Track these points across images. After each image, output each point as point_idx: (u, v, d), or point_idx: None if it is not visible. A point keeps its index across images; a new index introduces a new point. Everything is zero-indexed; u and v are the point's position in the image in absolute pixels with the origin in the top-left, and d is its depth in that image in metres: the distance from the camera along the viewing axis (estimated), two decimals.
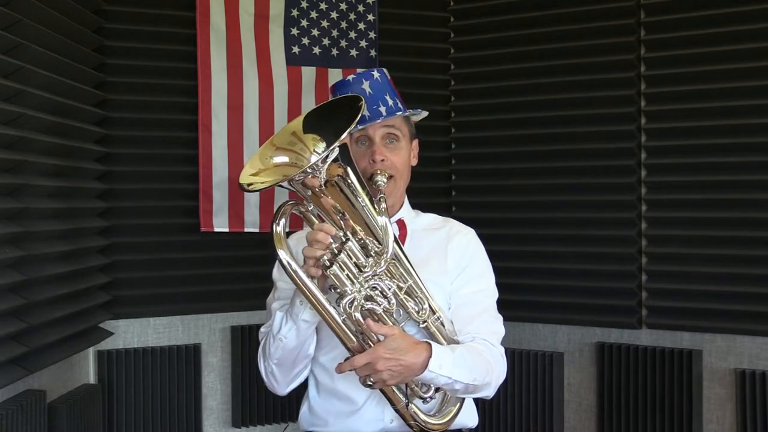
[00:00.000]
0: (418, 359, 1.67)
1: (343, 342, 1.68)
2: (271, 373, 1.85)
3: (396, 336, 1.65)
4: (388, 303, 1.68)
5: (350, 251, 1.66)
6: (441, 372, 1.69)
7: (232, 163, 3.26)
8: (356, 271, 1.66)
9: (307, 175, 1.60)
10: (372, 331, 1.64)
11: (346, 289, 1.64)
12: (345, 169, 1.67)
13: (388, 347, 1.63)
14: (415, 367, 1.67)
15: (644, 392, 3.16)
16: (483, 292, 1.93)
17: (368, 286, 1.66)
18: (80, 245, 2.85)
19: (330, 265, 1.62)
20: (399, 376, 1.66)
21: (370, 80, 1.89)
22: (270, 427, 3.42)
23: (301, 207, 1.70)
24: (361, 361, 1.64)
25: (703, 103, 3.08)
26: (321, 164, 1.60)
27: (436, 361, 1.68)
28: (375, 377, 1.65)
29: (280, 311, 1.80)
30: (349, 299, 1.63)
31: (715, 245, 3.07)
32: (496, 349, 1.86)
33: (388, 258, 1.69)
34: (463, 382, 1.73)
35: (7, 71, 2.36)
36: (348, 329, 1.66)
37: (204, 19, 3.22)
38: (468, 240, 1.99)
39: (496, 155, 3.48)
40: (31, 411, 2.43)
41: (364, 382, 1.67)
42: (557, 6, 3.33)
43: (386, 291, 1.68)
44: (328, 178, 1.65)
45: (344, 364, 1.67)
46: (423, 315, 1.77)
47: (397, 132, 1.91)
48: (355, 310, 1.63)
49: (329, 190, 1.67)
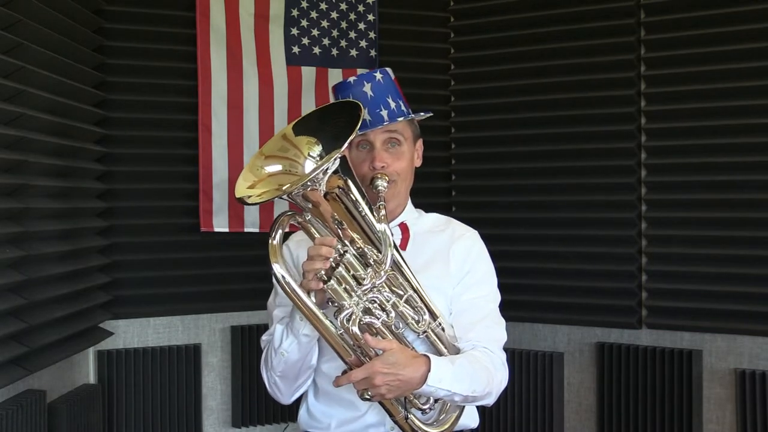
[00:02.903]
0: (416, 374, 1.64)
1: (341, 356, 1.65)
2: (275, 384, 1.84)
3: (394, 350, 1.62)
4: (387, 316, 1.65)
5: (348, 264, 1.62)
6: (440, 386, 1.67)
7: (232, 163, 3.26)
8: (354, 284, 1.62)
9: (306, 188, 1.55)
10: (370, 346, 1.62)
11: (344, 303, 1.60)
12: (345, 181, 1.62)
13: (385, 362, 1.61)
14: (413, 381, 1.64)
15: (644, 392, 3.15)
16: (484, 298, 1.91)
17: (366, 299, 1.63)
18: (80, 245, 2.85)
19: (328, 279, 1.59)
20: (397, 390, 1.64)
21: (372, 82, 1.83)
22: (270, 427, 3.42)
23: (299, 217, 1.66)
24: (359, 376, 1.61)
25: (703, 103, 3.08)
26: (321, 176, 1.55)
27: (435, 375, 1.66)
28: (373, 391, 1.63)
29: (281, 324, 1.78)
30: (347, 314, 1.60)
31: (715, 245, 3.07)
32: (497, 356, 1.84)
33: (387, 268, 1.65)
34: (463, 394, 1.71)
35: (7, 71, 2.35)
36: (345, 344, 1.63)
37: (204, 19, 3.22)
38: (471, 243, 1.96)
39: (496, 155, 3.48)
40: (31, 411, 2.43)
41: (362, 396, 1.65)
42: (557, 6, 3.33)
43: (385, 304, 1.66)
44: (328, 191, 1.60)
45: (342, 378, 1.65)
46: (422, 326, 1.74)
47: (399, 136, 1.85)
48: (353, 325, 1.60)
49: (330, 202, 1.62)
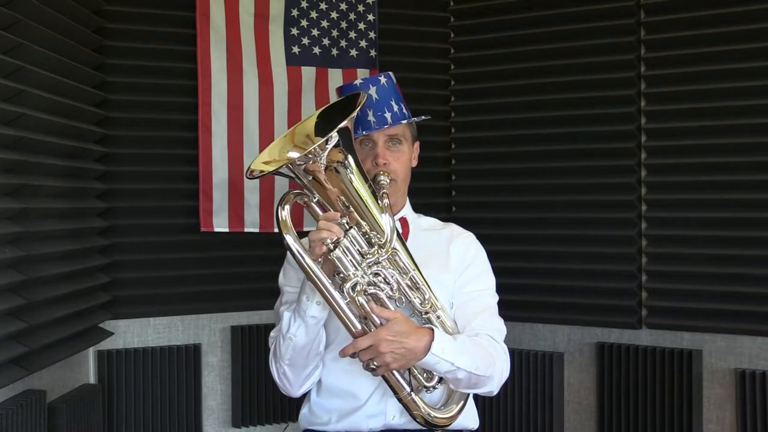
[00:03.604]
0: (420, 342, 1.69)
1: (347, 327, 1.71)
2: (284, 374, 1.87)
3: (399, 319, 1.69)
4: (391, 289, 1.72)
5: (353, 238, 1.71)
6: (443, 356, 1.71)
7: (232, 163, 3.26)
8: (359, 257, 1.70)
9: (308, 160, 1.65)
10: (375, 314, 1.68)
11: (350, 273, 1.68)
12: (345, 155, 1.72)
13: (391, 330, 1.67)
14: (417, 350, 1.69)
15: (644, 392, 3.15)
16: (485, 292, 1.97)
17: (371, 272, 1.71)
18: (80, 245, 2.86)
19: (333, 248, 1.66)
20: (402, 359, 1.69)
21: (377, 86, 1.95)
22: (270, 427, 3.42)
23: (305, 197, 1.75)
24: (365, 343, 1.67)
25: (703, 103, 3.08)
26: (320, 152, 1.65)
27: (439, 345, 1.71)
28: (378, 360, 1.68)
29: (288, 311, 1.82)
30: (352, 283, 1.68)
31: (715, 245, 3.07)
32: (499, 345, 1.88)
33: (389, 248, 1.73)
34: (466, 369, 1.75)
35: (7, 71, 2.35)
36: (352, 314, 1.70)
37: (204, 19, 3.22)
38: (469, 242, 2.03)
39: (496, 155, 3.48)
40: (31, 411, 2.43)
41: (367, 366, 1.70)
42: (557, 6, 3.33)
43: (389, 278, 1.73)
44: (328, 164, 1.69)
45: (347, 346, 1.71)
46: (426, 306, 1.80)
47: (401, 137, 1.97)
48: (359, 295, 1.68)
49: (329, 175, 1.71)
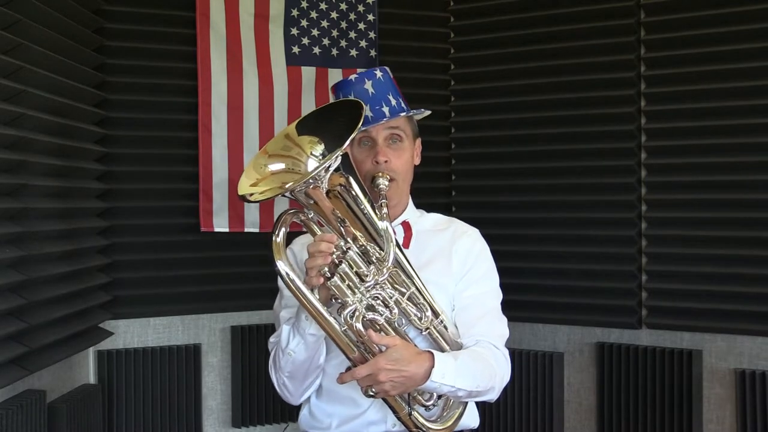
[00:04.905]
0: (420, 369, 1.65)
1: (345, 353, 1.66)
2: (284, 385, 1.84)
3: (398, 347, 1.63)
4: (390, 313, 1.66)
5: (351, 261, 1.63)
6: (444, 381, 1.68)
7: (232, 163, 3.26)
8: (357, 280, 1.63)
9: (309, 185, 1.56)
10: (373, 342, 1.62)
11: (348, 299, 1.61)
12: (347, 179, 1.64)
13: (389, 358, 1.62)
14: (417, 377, 1.65)
15: (644, 392, 3.15)
16: (487, 294, 1.92)
17: (370, 296, 1.64)
18: (80, 245, 2.85)
19: (331, 276, 1.60)
20: (401, 386, 1.65)
21: (372, 80, 1.86)
22: (270, 427, 3.42)
23: (302, 215, 1.67)
24: (363, 372, 1.62)
25: (703, 103, 3.08)
26: (323, 174, 1.56)
27: (439, 371, 1.67)
28: (377, 388, 1.63)
29: (287, 324, 1.78)
30: (350, 310, 1.61)
31: (715, 245, 3.07)
32: (499, 351, 1.85)
33: (389, 266, 1.66)
34: (466, 389, 1.72)
35: (7, 71, 2.35)
36: (349, 340, 1.64)
37: (204, 19, 3.22)
38: (473, 241, 1.97)
39: (496, 155, 3.48)
40: (31, 411, 2.43)
41: (366, 393, 1.66)
42: (557, 6, 3.33)
43: (388, 300, 1.67)
44: (330, 188, 1.61)
45: (345, 374, 1.66)
46: (425, 322, 1.75)
47: (401, 132, 1.88)
48: (356, 321, 1.61)
49: (332, 200, 1.63)
